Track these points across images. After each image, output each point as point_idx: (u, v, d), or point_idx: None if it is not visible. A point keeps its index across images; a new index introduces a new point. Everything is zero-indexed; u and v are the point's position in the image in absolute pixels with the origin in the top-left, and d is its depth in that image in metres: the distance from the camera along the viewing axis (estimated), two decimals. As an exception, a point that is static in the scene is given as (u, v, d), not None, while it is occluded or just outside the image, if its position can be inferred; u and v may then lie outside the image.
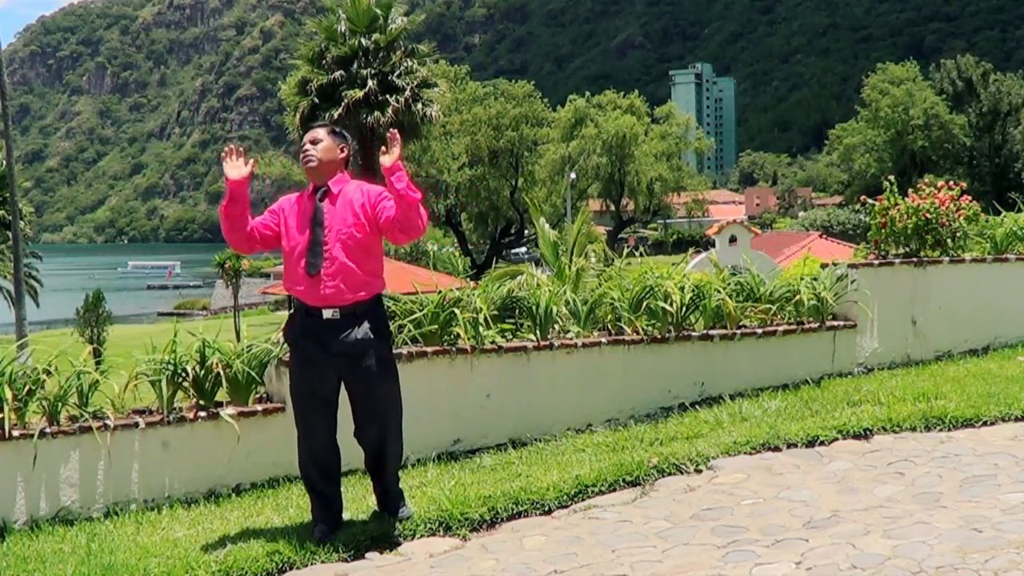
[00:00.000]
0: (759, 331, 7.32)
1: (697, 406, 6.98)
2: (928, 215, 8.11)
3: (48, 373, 5.59)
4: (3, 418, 5.30)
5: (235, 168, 4.69)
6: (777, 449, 5.67)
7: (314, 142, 4.74)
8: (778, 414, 6.45)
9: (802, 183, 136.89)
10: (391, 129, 4.95)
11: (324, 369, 4.65)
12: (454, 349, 6.34)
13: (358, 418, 4.77)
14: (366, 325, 4.64)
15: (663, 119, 67.74)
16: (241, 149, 4.77)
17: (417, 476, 5.76)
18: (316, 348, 4.63)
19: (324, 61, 29.67)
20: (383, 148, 4.68)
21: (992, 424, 5.97)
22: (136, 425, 5.60)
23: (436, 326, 6.35)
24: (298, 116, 29.62)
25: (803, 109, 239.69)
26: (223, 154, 4.72)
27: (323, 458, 4.77)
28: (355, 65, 29.17)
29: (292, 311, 4.83)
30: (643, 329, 6.96)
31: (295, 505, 5.31)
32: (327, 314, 4.60)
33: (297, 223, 4.70)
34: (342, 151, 4.78)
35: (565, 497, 5.11)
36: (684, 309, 7.05)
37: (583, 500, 5.13)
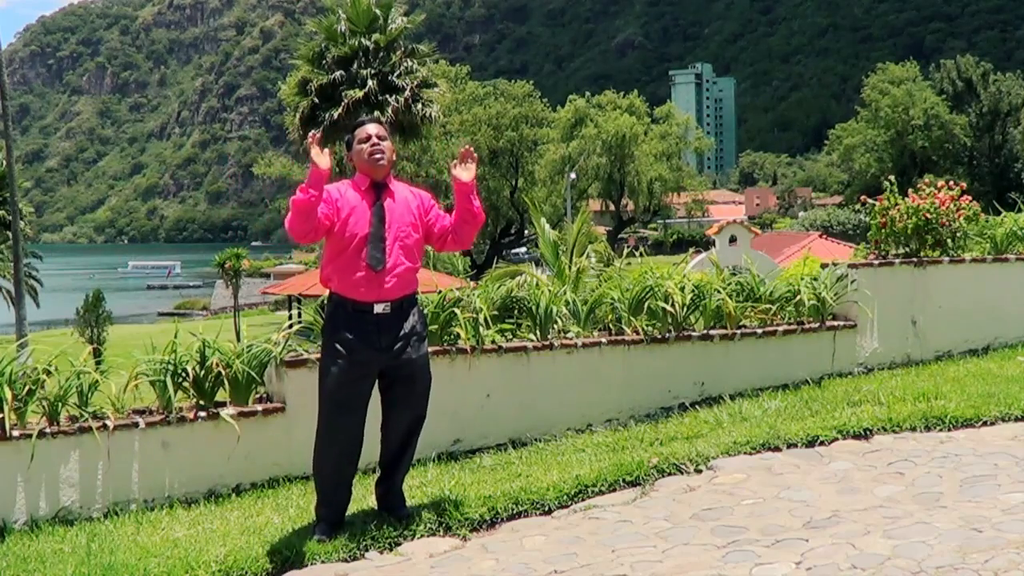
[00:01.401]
0: (759, 331, 7.32)
1: (697, 406, 6.98)
2: (928, 215, 8.11)
3: (48, 373, 5.59)
4: (3, 418, 5.30)
5: (322, 157, 4.55)
6: (777, 449, 5.67)
7: (381, 138, 4.76)
8: (778, 414, 6.45)
9: (802, 183, 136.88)
10: (467, 146, 4.99)
11: (370, 367, 4.67)
12: (454, 349, 6.34)
13: (393, 412, 4.81)
14: (413, 319, 4.72)
15: (663, 119, 67.73)
16: (319, 137, 4.65)
17: (417, 476, 5.75)
18: (364, 344, 4.62)
19: (324, 61, 29.71)
20: (454, 163, 4.78)
21: (992, 424, 5.97)
22: (136, 425, 5.60)
23: (436, 326, 6.35)
24: (298, 116, 29.67)
25: (803, 109, 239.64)
26: (308, 142, 4.57)
27: (349, 458, 4.78)
28: (355, 65, 29.20)
29: (333, 308, 4.72)
30: (643, 329, 6.96)
31: (295, 505, 5.31)
32: (379, 308, 4.62)
33: (355, 213, 4.66)
34: (394, 152, 4.86)
35: (565, 497, 5.11)
36: (685, 309, 7.05)
37: (583, 500, 5.13)
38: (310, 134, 4.71)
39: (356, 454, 4.81)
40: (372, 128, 4.80)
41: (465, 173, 4.75)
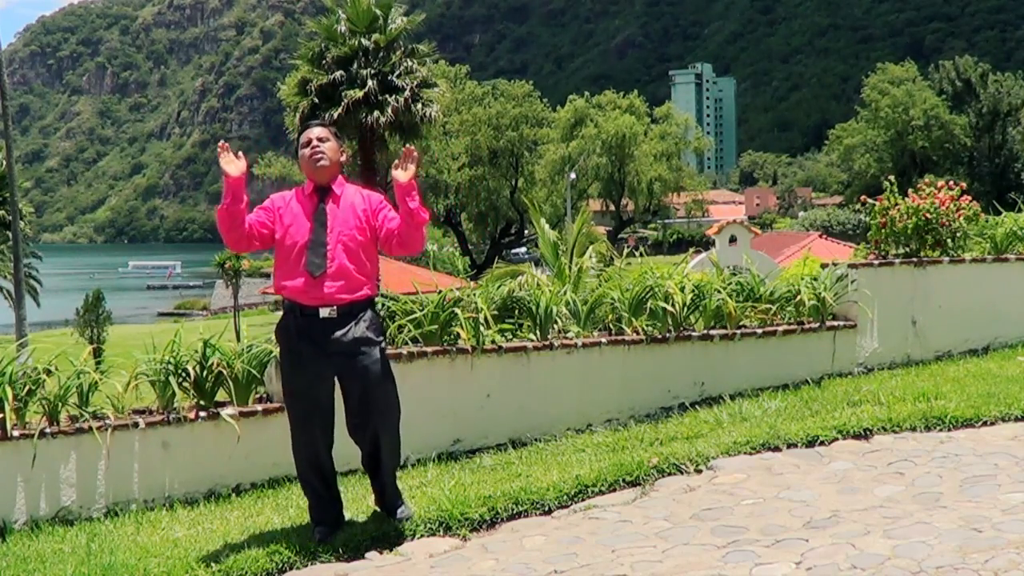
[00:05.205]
0: (759, 331, 7.32)
1: (697, 406, 6.98)
2: (928, 215, 8.11)
3: (48, 373, 5.59)
4: (3, 418, 5.30)
5: (232, 164, 4.61)
6: (777, 449, 5.67)
7: (322, 140, 4.72)
8: (778, 414, 6.45)
9: (802, 183, 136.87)
10: (407, 146, 4.92)
11: (321, 370, 4.61)
12: (454, 349, 6.34)
13: (354, 417, 4.73)
14: (363, 324, 4.63)
15: (662, 119, 67.72)
16: (227, 145, 4.69)
17: (417, 476, 5.76)
18: (312, 348, 4.58)
19: (324, 61, 29.65)
20: (396, 163, 4.70)
21: (992, 424, 5.97)
22: (136, 425, 5.60)
23: (436, 326, 6.35)
24: (298, 116, 29.63)
25: (803, 109, 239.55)
26: (219, 151, 4.64)
27: (320, 462, 4.74)
28: (355, 65, 29.15)
29: (284, 315, 4.73)
30: (643, 329, 6.96)
31: (295, 505, 5.30)
32: (324, 313, 4.57)
33: (296, 221, 4.65)
34: (342, 154, 4.80)
35: (565, 497, 5.11)
36: (685, 309, 7.05)
37: (583, 500, 5.12)
38: (220, 143, 4.69)
39: (326, 456, 4.76)
40: (314, 131, 4.76)
41: (402, 174, 4.63)
